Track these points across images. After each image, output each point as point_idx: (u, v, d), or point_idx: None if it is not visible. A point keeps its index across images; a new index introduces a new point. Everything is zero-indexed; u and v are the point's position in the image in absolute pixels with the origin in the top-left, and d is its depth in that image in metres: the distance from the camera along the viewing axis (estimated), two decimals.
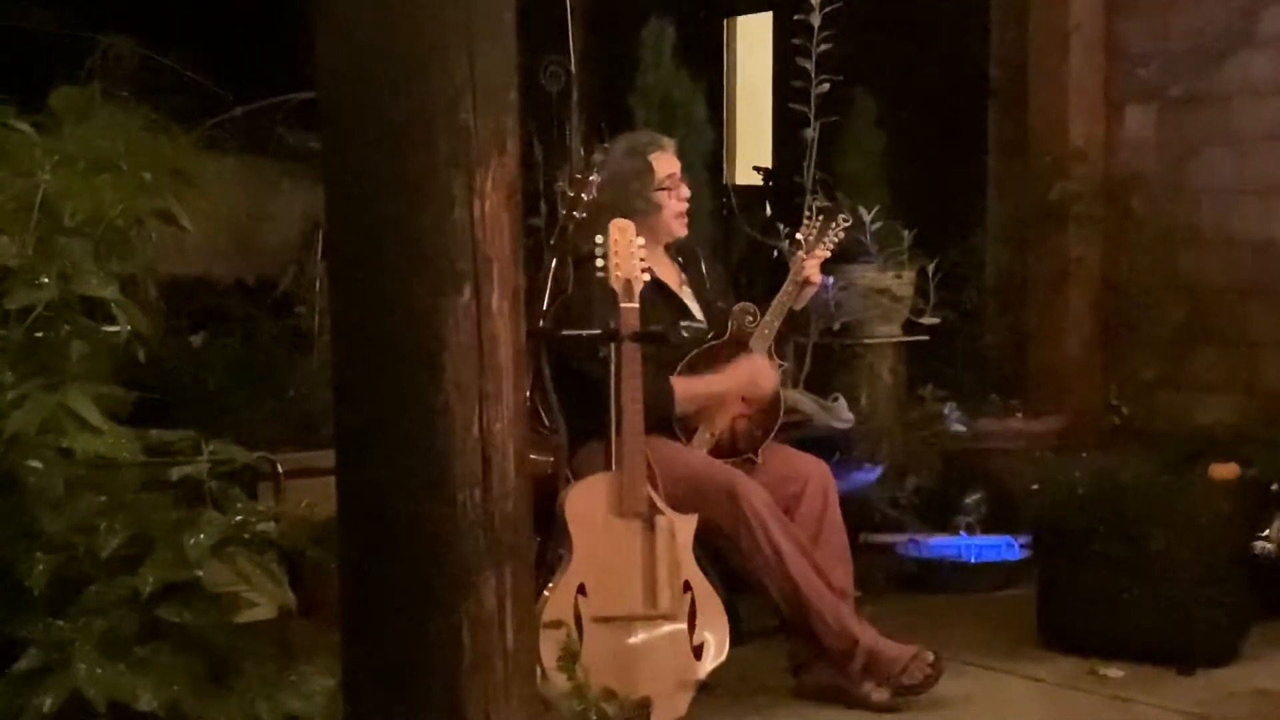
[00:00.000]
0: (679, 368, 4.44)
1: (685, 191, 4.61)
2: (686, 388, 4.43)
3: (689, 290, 4.66)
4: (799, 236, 4.73)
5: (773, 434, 4.56)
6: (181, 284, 4.75)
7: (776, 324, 4.59)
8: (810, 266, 4.66)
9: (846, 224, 4.83)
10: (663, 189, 4.53)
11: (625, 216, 4.28)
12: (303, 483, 3.97)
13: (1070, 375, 6.55)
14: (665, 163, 4.57)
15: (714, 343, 4.54)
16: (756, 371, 4.52)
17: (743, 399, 4.54)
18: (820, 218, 4.74)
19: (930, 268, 6.12)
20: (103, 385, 2.78)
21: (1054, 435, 6.15)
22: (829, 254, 4.75)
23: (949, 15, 7.41)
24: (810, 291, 4.72)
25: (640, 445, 4.01)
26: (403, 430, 2.02)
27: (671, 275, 4.63)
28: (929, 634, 4.48)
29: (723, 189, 6.64)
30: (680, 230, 4.61)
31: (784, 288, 4.63)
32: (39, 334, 2.76)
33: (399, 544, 2.03)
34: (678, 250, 4.70)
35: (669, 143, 4.68)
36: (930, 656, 4.21)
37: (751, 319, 4.57)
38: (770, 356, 4.58)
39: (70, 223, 2.81)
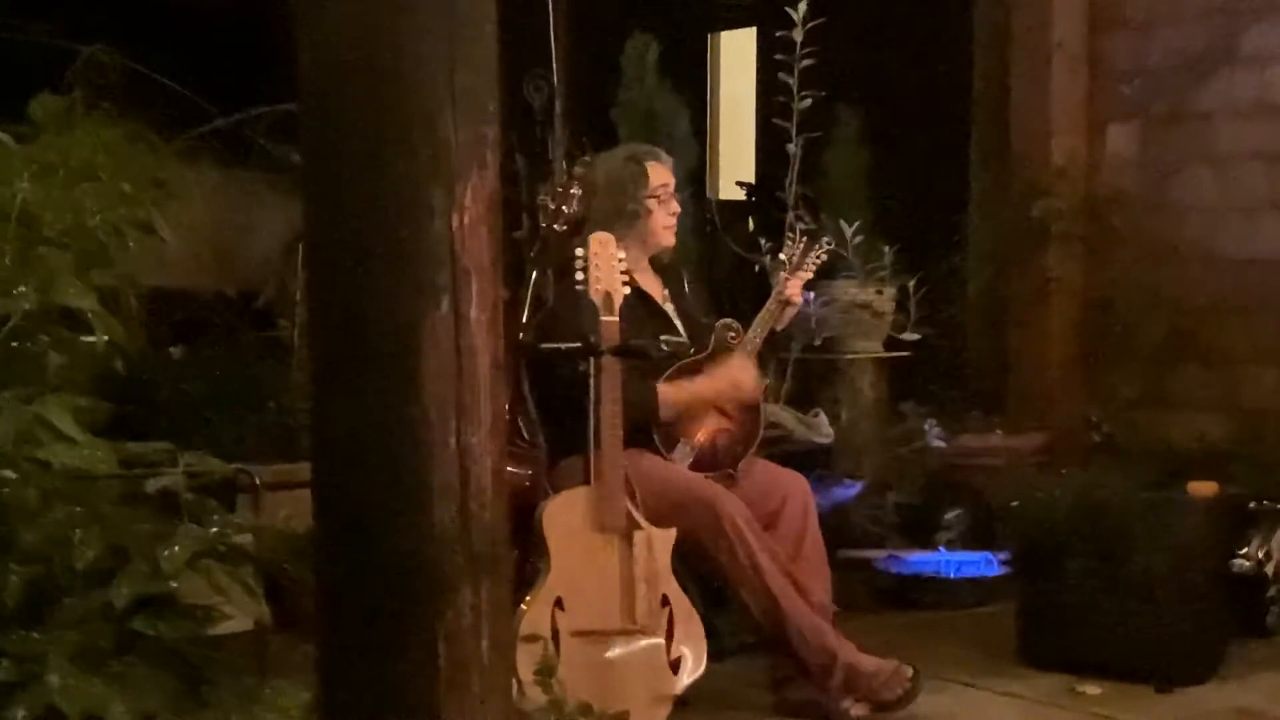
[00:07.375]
0: (661, 379, 4.43)
1: (676, 206, 4.62)
2: (669, 393, 4.42)
3: (672, 305, 4.66)
4: (782, 257, 4.76)
5: (753, 449, 4.56)
6: (162, 295, 4.73)
7: (759, 341, 4.60)
8: (792, 287, 4.68)
9: (829, 246, 4.87)
10: (653, 197, 4.53)
11: (614, 221, 4.32)
12: (282, 495, 3.97)
13: (1051, 392, 6.56)
14: (659, 173, 4.57)
15: (696, 358, 4.54)
16: (737, 371, 4.51)
17: (723, 410, 4.53)
18: (804, 239, 4.78)
19: (912, 284, 6.13)
20: (80, 397, 2.77)
21: (1034, 452, 6.16)
22: (811, 275, 4.79)
23: (932, 32, 7.43)
24: (791, 312, 4.75)
25: (619, 459, 4.00)
26: (379, 442, 2.01)
27: (656, 289, 4.63)
28: (908, 650, 4.48)
29: (706, 204, 6.65)
30: (667, 240, 4.61)
31: (766, 306, 4.66)
32: (16, 344, 2.75)
33: (375, 557, 2.02)
34: (662, 266, 4.70)
35: (666, 157, 4.70)
36: (909, 671, 4.22)
37: (734, 335, 4.58)
38: None
39: (49, 233, 2.80)
